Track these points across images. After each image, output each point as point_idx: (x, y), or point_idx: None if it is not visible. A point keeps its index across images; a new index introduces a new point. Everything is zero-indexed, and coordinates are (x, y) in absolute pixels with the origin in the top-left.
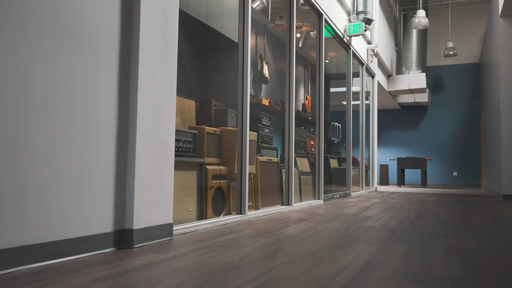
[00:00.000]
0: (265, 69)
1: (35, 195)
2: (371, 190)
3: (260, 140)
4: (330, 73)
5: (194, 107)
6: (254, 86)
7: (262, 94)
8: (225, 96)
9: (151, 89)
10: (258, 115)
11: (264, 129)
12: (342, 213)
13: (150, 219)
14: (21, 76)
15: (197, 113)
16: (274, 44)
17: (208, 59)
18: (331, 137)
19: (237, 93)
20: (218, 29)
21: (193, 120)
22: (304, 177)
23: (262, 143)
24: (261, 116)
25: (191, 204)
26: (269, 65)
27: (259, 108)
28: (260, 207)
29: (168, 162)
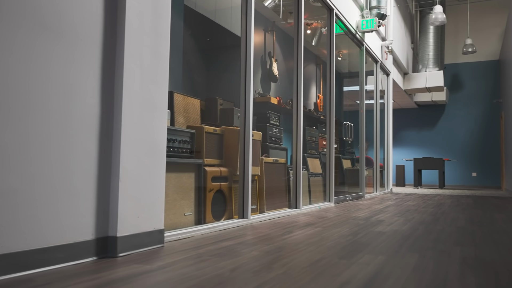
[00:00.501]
0: (274, 67)
1: (3, 200)
2: (386, 191)
3: (269, 140)
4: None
5: (199, 106)
6: (263, 85)
7: (271, 93)
8: (232, 95)
9: (139, 84)
10: (266, 114)
11: (272, 129)
12: (353, 216)
13: (137, 225)
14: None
15: (203, 112)
16: (284, 41)
17: (216, 57)
18: (343, 137)
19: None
20: (226, 27)
21: (197, 119)
22: (314, 178)
23: (270, 143)
24: (270, 115)
25: (188, 208)
26: (279, 62)
27: (268, 107)
28: (265, 211)
29: (159, 164)
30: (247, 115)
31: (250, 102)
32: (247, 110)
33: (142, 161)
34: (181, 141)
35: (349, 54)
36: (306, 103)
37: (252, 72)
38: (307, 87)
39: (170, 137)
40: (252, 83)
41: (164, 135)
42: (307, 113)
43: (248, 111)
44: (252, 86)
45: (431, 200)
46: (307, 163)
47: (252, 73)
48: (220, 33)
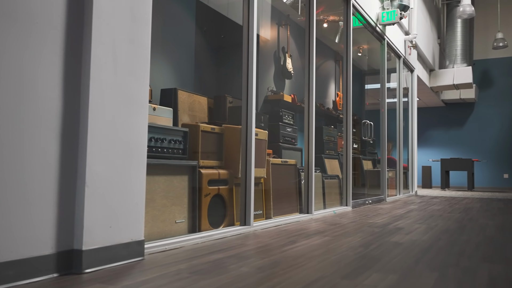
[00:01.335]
0: (289, 63)
1: None
2: (410, 194)
3: (282, 140)
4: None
5: (206, 104)
6: (276, 81)
7: (285, 90)
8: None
9: (111, 75)
10: (279, 112)
11: (286, 128)
12: (369, 223)
13: (110, 236)
14: None
15: (211, 111)
16: (299, 36)
17: (229, 55)
18: (363, 136)
19: (241, 84)
20: (240, 23)
21: (204, 118)
22: (329, 181)
23: (283, 143)
24: (283, 114)
25: (180, 214)
26: (294, 58)
27: (281, 105)
28: (272, 216)
29: (137, 166)
30: (249, 112)
31: (253, 97)
32: (249, 106)
33: (116, 163)
34: (171, 141)
35: (371, 50)
36: (325, 102)
37: (255, 63)
38: (325, 84)
39: (158, 136)
40: (254, 75)
41: (144, 133)
42: (325, 112)
43: (250, 107)
44: (254, 79)
45: (458, 204)
46: (324, 164)
47: (254, 65)
48: (234, 29)
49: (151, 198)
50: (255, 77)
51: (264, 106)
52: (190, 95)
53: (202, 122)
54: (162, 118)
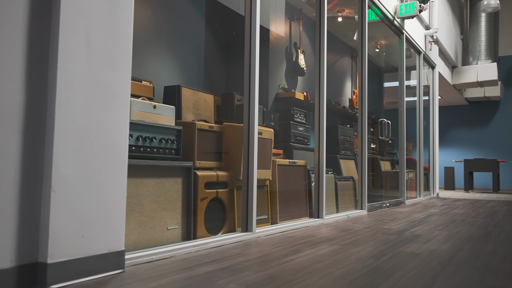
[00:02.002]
0: (301, 59)
1: None
2: (431, 196)
3: (293, 140)
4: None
5: (212, 102)
6: (288, 78)
7: (297, 87)
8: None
9: (84, 66)
10: (290, 110)
11: (297, 127)
12: (384, 229)
13: (82, 247)
14: None
15: (218, 109)
16: (313, 30)
17: (238, 51)
18: (380, 135)
19: (243, 78)
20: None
21: (211, 117)
22: (343, 182)
23: (295, 143)
24: (294, 112)
25: (172, 220)
26: (306, 54)
27: (292, 102)
28: (279, 221)
29: (116, 167)
30: (252, 108)
31: (255, 91)
32: (251, 102)
33: (91, 164)
34: (162, 140)
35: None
36: (340, 100)
37: (257, 54)
38: (341, 82)
39: (146, 135)
40: (257, 67)
41: (124, 131)
42: (341, 110)
43: (252, 103)
44: (257, 71)
45: (482, 208)
46: (339, 165)
47: (257, 56)
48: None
49: (138, 202)
50: (257, 69)
51: (275, 104)
52: (195, 93)
53: (199, 120)
54: (163, 116)
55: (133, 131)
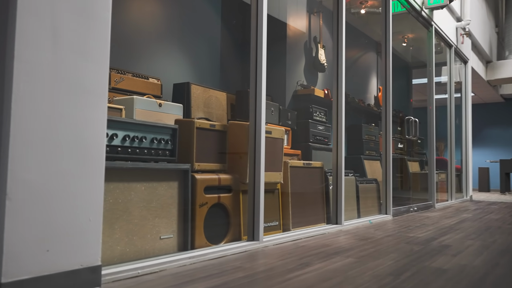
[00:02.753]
0: (321, 54)
1: None
2: (464, 199)
3: (312, 140)
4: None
5: (225, 100)
6: (307, 75)
7: (317, 84)
8: (271, 88)
9: (49, 56)
10: (309, 108)
11: (316, 126)
12: (409, 238)
13: (47, 263)
14: None
15: (233, 107)
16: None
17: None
18: (406, 134)
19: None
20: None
21: (223, 115)
22: (365, 185)
23: (314, 143)
24: (313, 110)
25: (167, 228)
26: (327, 49)
27: (311, 100)
28: (291, 228)
29: (90, 171)
30: (259, 104)
31: (262, 86)
32: (258, 97)
33: (57, 167)
34: (154, 140)
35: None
36: (365, 97)
37: (265, 43)
38: (365, 78)
39: (135, 134)
40: (264, 56)
41: (100, 129)
42: (365, 108)
43: (259, 99)
44: (264, 61)
45: None
46: (363, 166)
47: (264, 44)
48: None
49: (125, 209)
50: (264, 60)
51: (293, 101)
52: (205, 90)
53: (198, 118)
54: (169, 115)
55: (119, 130)
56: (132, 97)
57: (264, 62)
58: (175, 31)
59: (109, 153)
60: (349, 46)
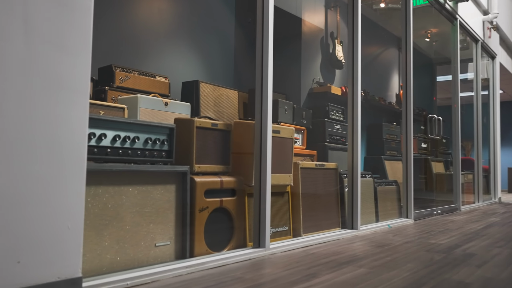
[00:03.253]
0: (339, 51)
1: None
2: (492, 201)
3: (328, 139)
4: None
5: (236, 99)
6: (324, 72)
7: (335, 82)
8: (286, 87)
9: (20, 48)
10: (325, 107)
11: (333, 125)
12: (430, 244)
13: (18, 275)
14: None
15: (245, 106)
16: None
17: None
18: (429, 134)
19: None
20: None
21: (234, 115)
22: (384, 187)
23: (330, 143)
24: (330, 109)
25: (162, 235)
26: (345, 45)
27: (327, 98)
28: (302, 233)
29: (69, 175)
30: (265, 101)
31: (269, 80)
32: (264, 94)
33: (30, 171)
34: (148, 140)
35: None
36: (386, 95)
37: (271, 33)
38: (386, 75)
39: (127, 134)
40: (271, 49)
41: (81, 129)
42: (386, 107)
43: (266, 96)
44: (270, 53)
45: None
46: (384, 167)
47: (271, 38)
48: (283, 19)
49: (115, 215)
50: (271, 52)
51: (308, 100)
52: (215, 88)
53: (200, 117)
54: (176, 114)
55: (108, 130)
56: (136, 95)
57: (271, 55)
58: (187, 29)
59: (97, 154)
60: (369, 42)
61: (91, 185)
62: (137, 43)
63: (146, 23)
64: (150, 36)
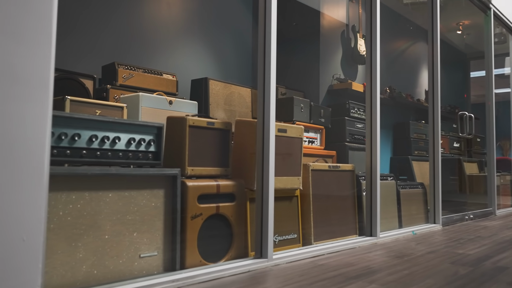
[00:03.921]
0: (361, 45)
1: None
2: None
3: (349, 139)
4: (469, 51)
5: (249, 97)
6: (345, 67)
7: (357, 78)
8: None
9: None
10: (346, 105)
11: (354, 124)
12: (456, 255)
13: None
14: None
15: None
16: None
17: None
18: (459, 132)
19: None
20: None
21: (247, 113)
22: (408, 190)
23: (351, 142)
24: (350, 106)
25: (149, 245)
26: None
27: (348, 95)
28: (313, 241)
29: (24, 180)
30: (267, 96)
31: (271, 73)
32: (266, 88)
33: None
34: (131, 141)
35: (475, 26)
36: (414, 92)
37: (275, 20)
38: (414, 71)
39: (105, 134)
40: (274, 40)
41: (40, 128)
42: (414, 104)
43: (268, 92)
44: (273, 46)
45: None
46: (411, 168)
47: (273, 28)
48: (306, 15)
49: (92, 223)
50: (274, 41)
51: (328, 97)
52: (226, 86)
53: (194, 115)
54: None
55: (84, 130)
56: (137, 94)
57: (274, 45)
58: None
59: (70, 157)
60: (397, 36)
61: (62, 191)
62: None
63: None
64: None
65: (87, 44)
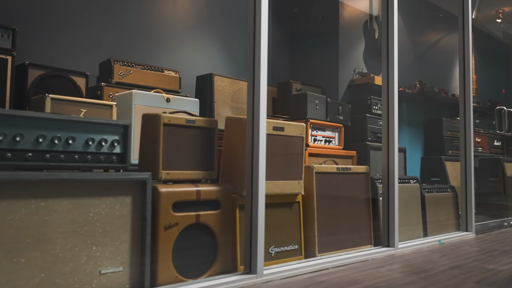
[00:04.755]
0: None
1: None
2: None
3: (370, 137)
4: (510, 42)
5: None
6: (367, 61)
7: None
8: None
9: None
10: (367, 100)
11: (377, 122)
12: (485, 271)
13: None
14: None
15: (274, 102)
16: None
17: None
18: (497, 129)
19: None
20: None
21: None
22: (435, 195)
23: (373, 141)
24: (372, 102)
25: (112, 259)
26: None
27: (369, 90)
28: (318, 253)
29: None
30: (257, 91)
31: (261, 65)
32: (256, 82)
33: None
34: (90, 142)
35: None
36: (448, 86)
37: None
38: (449, 64)
39: (58, 134)
40: (265, 35)
41: None
42: (448, 100)
43: (258, 87)
44: (265, 42)
45: None
46: (445, 169)
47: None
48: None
49: (40, 235)
50: (265, 30)
51: (349, 93)
52: (233, 82)
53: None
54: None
55: (27, 129)
56: (130, 91)
57: (265, 34)
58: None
59: (11, 160)
60: (428, 27)
61: (1, 199)
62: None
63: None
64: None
65: (89, 41)
